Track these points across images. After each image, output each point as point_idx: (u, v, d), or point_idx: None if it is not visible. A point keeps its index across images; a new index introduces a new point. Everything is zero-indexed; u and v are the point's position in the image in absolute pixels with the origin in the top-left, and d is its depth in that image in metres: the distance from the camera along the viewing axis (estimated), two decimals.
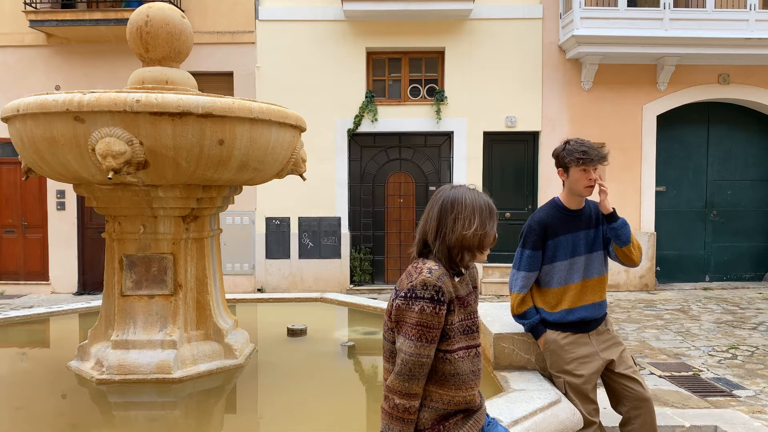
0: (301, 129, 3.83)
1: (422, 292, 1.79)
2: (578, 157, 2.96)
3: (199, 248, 3.81)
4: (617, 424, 3.13)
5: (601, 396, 3.15)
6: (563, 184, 3.12)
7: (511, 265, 11.90)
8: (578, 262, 3.06)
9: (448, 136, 10.70)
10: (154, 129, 3.09)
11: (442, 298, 1.80)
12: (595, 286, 3.10)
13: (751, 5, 9.81)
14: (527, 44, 10.49)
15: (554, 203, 3.14)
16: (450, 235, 1.86)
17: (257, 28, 10.49)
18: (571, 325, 3.05)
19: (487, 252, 1.94)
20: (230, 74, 10.65)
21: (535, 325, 3.13)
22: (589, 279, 3.08)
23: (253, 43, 10.52)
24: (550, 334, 3.09)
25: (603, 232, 3.13)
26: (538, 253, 3.06)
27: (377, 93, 10.69)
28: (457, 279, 1.91)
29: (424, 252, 1.93)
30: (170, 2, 8.95)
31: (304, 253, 10.56)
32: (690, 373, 5.76)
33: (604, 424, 3.08)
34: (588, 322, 3.06)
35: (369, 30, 10.44)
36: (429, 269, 1.83)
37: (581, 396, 2.98)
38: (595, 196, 3.13)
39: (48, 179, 9.21)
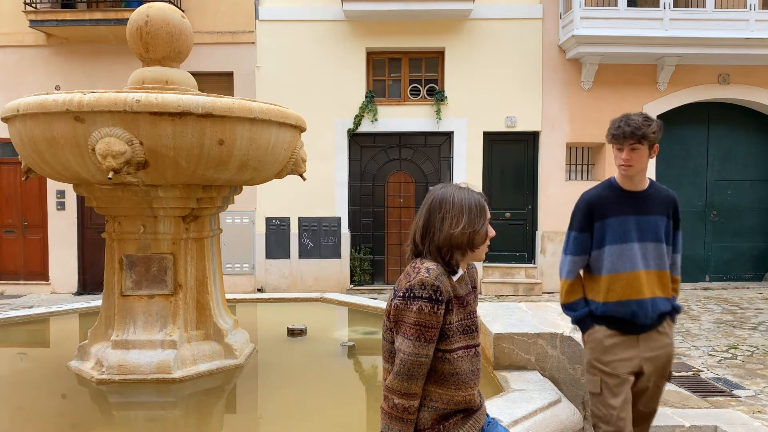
0: (301, 129, 3.83)
1: (420, 292, 1.79)
2: (612, 133, 2.70)
3: (199, 248, 3.81)
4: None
5: None
6: None
7: (511, 265, 11.79)
8: (630, 250, 2.72)
9: (448, 136, 10.70)
10: (154, 129, 3.10)
11: (440, 298, 1.80)
12: (652, 280, 2.74)
13: (751, 5, 9.81)
14: (527, 44, 10.49)
15: (609, 182, 2.84)
16: (438, 234, 1.86)
17: (257, 28, 10.49)
18: (620, 321, 2.75)
19: (482, 250, 1.93)
20: (230, 74, 10.65)
21: (582, 318, 2.83)
22: (645, 270, 2.73)
23: (253, 43, 10.52)
24: (598, 332, 2.79)
25: (669, 227, 2.79)
26: (584, 236, 2.80)
27: (377, 93, 10.69)
28: (455, 278, 1.91)
29: (417, 252, 1.93)
30: (170, 2, 8.95)
31: (304, 253, 10.56)
32: (690, 373, 5.76)
33: None
34: (640, 324, 2.73)
35: (369, 30, 10.44)
36: (427, 269, 1.83)
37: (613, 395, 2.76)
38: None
39: (48, 179, 9.22)
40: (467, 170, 10.53)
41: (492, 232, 1.94)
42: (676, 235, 2.85)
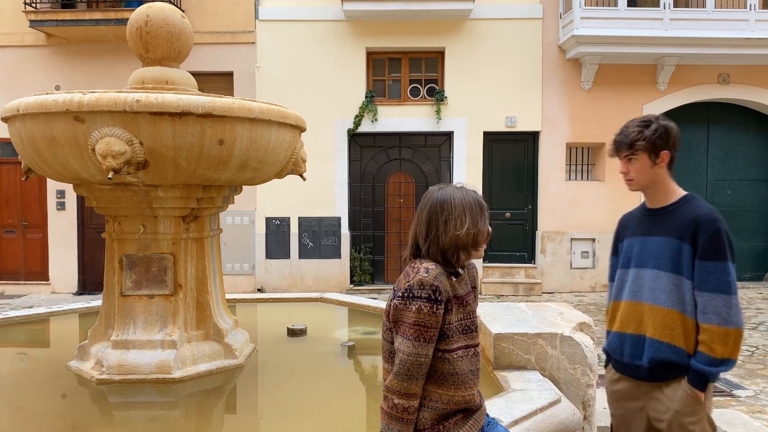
0: (301, 129, 3.83)
1: (419, 292, 1.79)
2: (610, 146, 2.43)
3: (199, 248, 3.81)
4: None
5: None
6: None
7: (511, 265, 11.75)
8: (628, 275, 2.39)
9: (448, 136, 10.70)
10: (154, 129, 3.09)
11: (439, 298, 1.80)
12: (643, 315, 2.30)
13: (751, 5, 9.81)
14: (527, 44, 10.49)
15: (644, 202, 2.51)
16: (443, 236, 1.86)
17: (257, 28, 10.49)
18: (614, 358, 2.45)
19: (483, 248, 1.94)
20: (230, 74, 10.66)
21: (604, 351, 2.54)
22: (634, 301, 2.34)
23: (253, 43, 10.53)
24: (608, 372, 2.51)
25: (688, 255, 2.22)
26: (614, 259, 2.53)
27: (377, 93, 10.69)
28: (454, 279, 1.91)
29: (417, 254, 1.94)
30: (170, 2, 8.95)
31: (304, 253, 10.56)
32: None
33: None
34: (625, 363, 2.38)
35: (369, 30, 10.44)
36: (426, 269, 1.83)
37: None
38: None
39: (48, 179, 9.22)
40: (467, 170, 10.54)
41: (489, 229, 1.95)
42: (701, 266, 2.18)
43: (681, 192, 2.37)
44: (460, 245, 1.87)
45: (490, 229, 1.95)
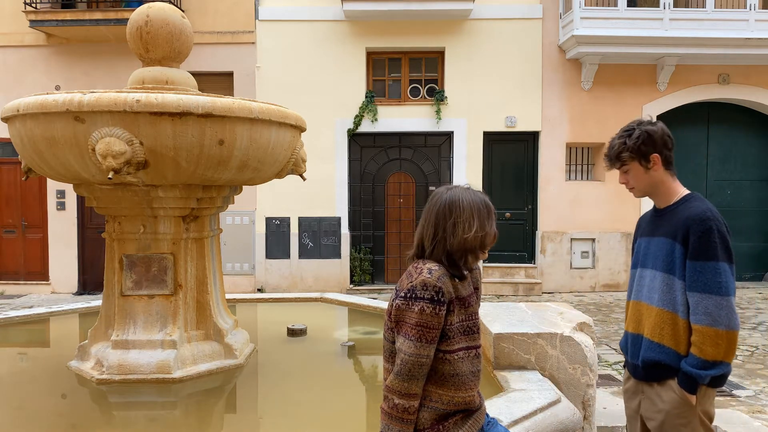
0: (301, 129, 3.83)
1: (422, 293, 1.79)
2: (604, 160, 2.49)
3: (199, 248, 3.81)
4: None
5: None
6: None
7: (511, 265, 11.75)
8: (635, 275, 2.46)
9: (448, 136, 10.70)
10: (154, 129, 3.09)
11: (441, 299, 1.80)
12: (642, 314, 2.36)
13: (751, 5, 9.82)
14: (527, 44, 10.50)
15: None
16: (451, 239, 1.85)
17: (257, 28, 10.49)
18: (625, 360, 2.50)
19: (488, 248, 1.94)
20: (230, 74, 10.66)
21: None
22: (636, 301, 2.41)
23: (253, 43, 10.53)
24: (625, 371, 2.56)
25: (680, 255, 2.23)
26: (631, 259, 2.56)
27: (377, 93, 10.69)
28: (457, 280, 1.91)
29: (420, 255, 1.93)
30: (170, 2, 8.96)
31: (304, 253, 10.56)
32: None
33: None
34: (632, 364, 2.43)
35: (369, 30, 10.44)
36: (429, 269, 1.83)
37: None
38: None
39: (48, 179, 9.22)
40: (467, 170, 10.54)
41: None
42: (692, 266, 2.18)
43: (683, 192, 2.35)
44: (467, 248, 1.86)
45: (497, 231, 1.94)
